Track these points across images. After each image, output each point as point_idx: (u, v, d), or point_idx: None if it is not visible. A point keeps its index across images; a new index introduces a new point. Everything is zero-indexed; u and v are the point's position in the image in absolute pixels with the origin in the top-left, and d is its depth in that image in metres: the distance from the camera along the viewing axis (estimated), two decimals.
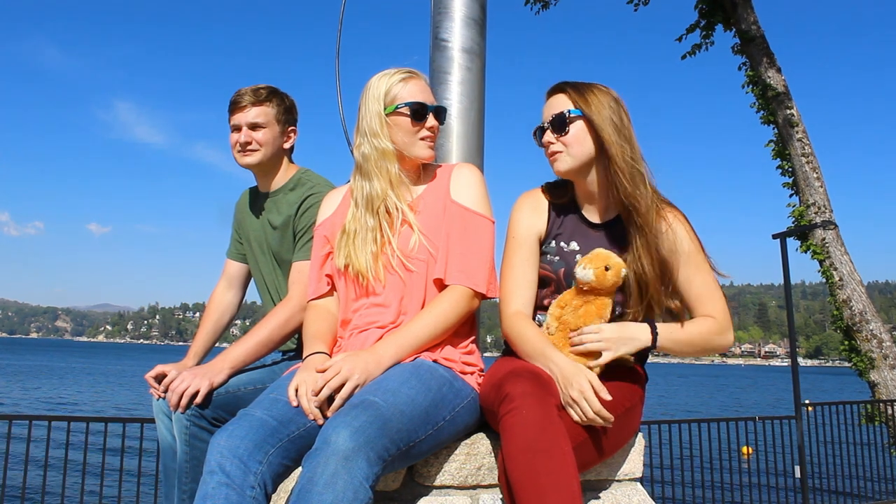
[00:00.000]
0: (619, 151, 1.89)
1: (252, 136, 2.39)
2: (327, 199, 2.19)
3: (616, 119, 1.92)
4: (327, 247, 2.07)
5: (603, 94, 1.95)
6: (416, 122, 1.99)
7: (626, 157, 1.89)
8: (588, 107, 1.93)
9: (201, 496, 1.54)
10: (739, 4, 10.13)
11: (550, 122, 1.97)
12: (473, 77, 2.48)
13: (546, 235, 2.04)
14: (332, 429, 1.50)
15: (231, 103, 2.42)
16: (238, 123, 2.39)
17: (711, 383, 73.58)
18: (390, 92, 1.99)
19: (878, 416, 8.30)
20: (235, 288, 2.61)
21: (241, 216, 2.59)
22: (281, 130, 2.44)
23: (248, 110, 2.38)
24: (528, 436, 1.54)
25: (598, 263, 1.85)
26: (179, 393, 2.01)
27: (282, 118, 2.44)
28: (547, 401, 1.62)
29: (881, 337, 9.14)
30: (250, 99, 2.38)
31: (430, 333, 1.85)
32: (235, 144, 2.41)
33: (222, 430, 1.62)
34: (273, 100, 2.41)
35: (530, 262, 2.01)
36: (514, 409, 1.59)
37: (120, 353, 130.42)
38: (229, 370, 2.12)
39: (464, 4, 2.49)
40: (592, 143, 1.93)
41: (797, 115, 9.83)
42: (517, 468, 1.53)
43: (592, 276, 1.84)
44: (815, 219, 9.43)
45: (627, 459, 2.00)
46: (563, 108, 1.95)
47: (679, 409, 32.50)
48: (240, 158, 2.42)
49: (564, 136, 1.95)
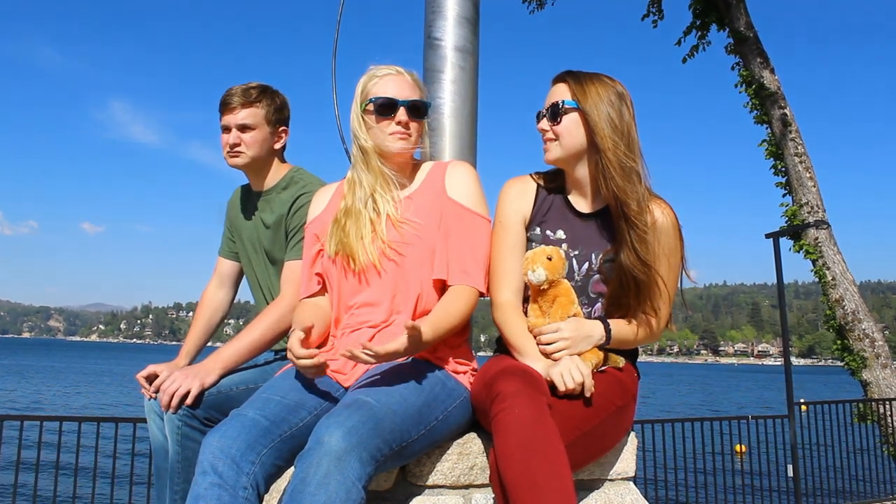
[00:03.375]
0: (612, 146, 1.87)
1: (241, 137, 2.36)
2: (317, 197, 2.18)
3: (614, 114, 1.90)
4: (318, 245, 2.06)
5: (605, 87, 1.93)
6: (382, 118, 1.99)
7: (620, 152, 1.87)
8: (585, 99, 1.92)
9: (193, 496, 1.54)
10: (733, 4, 10.15)
11: (547, 109, 1.98)
12: (466, 76, 2.48)
13: (531, 220, 2.03)
14: (324, 429, 1.50)
15: (221, 104, 2.40)
16: (227, 125, 2.37)
17: (704, 382, 73.79)
18: (364, 89, 2.01)
19: (871, 415, 8.33)
20: (227, 286, 2.60)
21: (233, 214, 2.57)
22: (271, 131, 2.42)
23: (237, 111, 2.36)
24: (522, 435, 1.54)
25: (540, 260, 1.88)
26: (170, 394, 2.00)
27: (272, 118, 2.41)
28: (538, 399, 1.61)
29: (873, 336, 9.17)
30: (240, 100, 2.36)
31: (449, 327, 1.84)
32: (225, 146, 2.39)
33: (214, 431, 1.62)
34: (263, 100, 2.39)
35: (518, 247, 2.00)
36: (506, 408, 1.58)
37: (113, 352, 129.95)
38: (221, 370, 2.11)
39: (457, 3, 2.48)
40: (584, 136, 1.93)
41: (790, 115, 9.86)
42: (511, 467, 1.53)
43: (544, 272, 1.87)
44: (807, 218, 9.46)
45: (620, 458, 2.00)
46: (561, 97, 1.95)
47: (672, 408, 32.58)
48: (228, 160, 2.41)
49: (557, 125, 1.95)
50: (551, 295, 1.90)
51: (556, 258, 1.89)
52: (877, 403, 8.36)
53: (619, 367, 1.93)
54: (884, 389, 8.89)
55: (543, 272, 1.87)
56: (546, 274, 1.87)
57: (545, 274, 1.87)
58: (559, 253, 1.91)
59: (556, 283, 1.90)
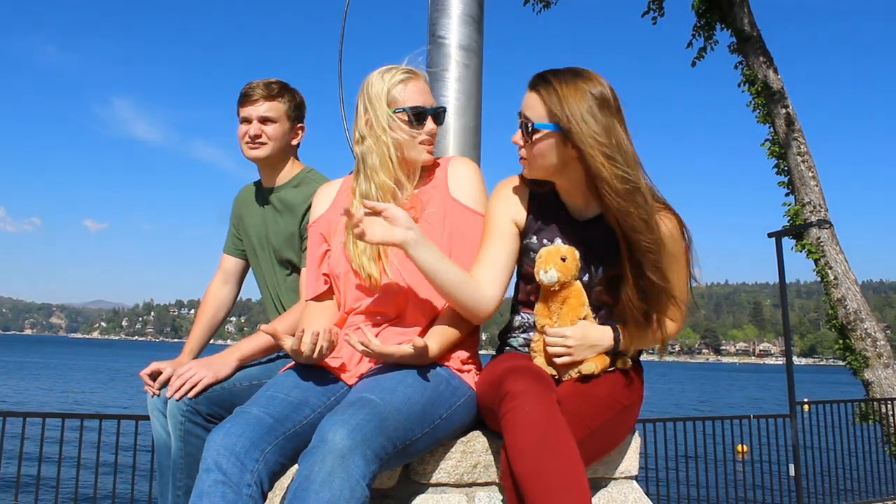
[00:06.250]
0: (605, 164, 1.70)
1: (262, 129, 2.37)
2: (320, 194, 2.13)
3: (598, 128, 1.71)
4: (324, 245, 2.04)
5: (581, 95, 1.73)
6: (416, 126, 1.93)
7: (617, 170, 1.70)
8: (561, 115, 1.73)
9: (197, 494, 1.54)
10: (736, 3, 10.14)
11: (519, 123, 1.83)
12: (471, 74, 2.48)
13: (526, 229, 1.94)
14: (328, 426, 1.50)
15: (242, 95, 2.40)
16: (248, 116, 2.38)
17: (706, 381, 73.77)
18: (389, 95, 1.92)
19: (873, 414, 8.33)
20: (231, 283, 2.60)
21: (240, 211, 2.57)
22: (290, 127, 2.44)
23: (259, 104, 2.37)
24: (533, 434, 1.53)
25: (553, 259, 1.82)
26: (185, 380, 2.02)
27: (292, 115, 2.43)
28: (548, 396, 1.60)
29: (875, 336, 9.17)
30: (262, 93, 2.37)
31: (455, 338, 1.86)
32: (244, 136, 2.40)
33: (219, 428, 1.62)
34: (285, 95, 2.41)
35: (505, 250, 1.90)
36: (515, 406, 1.57)
37: (114, 349, 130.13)
38: (236, 364, 2.13)
39: (461, 2, 2.48)
40: (558, 156, 1.79)
41: (793, 114, 9.84)
42: (524, 466, 1.52)
43: (556, 273, 1.81)
44: (810, 218, 9.45)
45: (624, 457, 2.00)
46: (534, 112, 1.79)
47: (674, 407, 32.58)
48: (247, 151, 2.41)
49: (529, 145, 1.81)
50: (562, 296, 1.84)
51: (570, 259, 1.82)
52: (878, 403, 8.36)
53: (627, 367, 1.91)
54: (885, 389, 8.89)
55: (556, 273, 1.80)
56: (559, 276, 1.80)
57: (557, 276, 1.80)
58: (574, 254, 1.83)
59: (567, 285, 1.83)
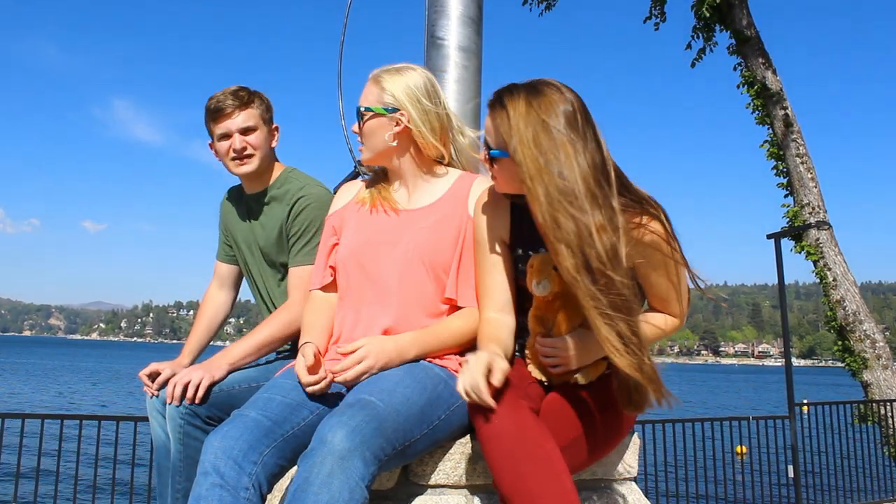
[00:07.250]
0: (542, 193, 1.56)
1: (246, 140, 2.28)
2: (343, 191, 2.17)
3: (542, 160, 1.56)
4: (334, 237, 2.06)
5: (529, 118, 1.60)
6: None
7: (558, 212, 1.54)
8: (509, 141, 1.62)
9: (195, 497, 1.54)
10: (735, 5, 10.15)
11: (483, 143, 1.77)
12: (470, 75, 2.49)
13: (513, 242, 1.87)
14: (327, 428, 1.50)
15: (213, 111, 2.28)
16: (227, 130, 2.28)
17: (705, 382, 73.75)
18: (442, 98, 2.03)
19: (871, 416, 8.34)
20: (227, 288, 2.59)
21: (227, 218, 2.52)
22: (269, 130, 2.36)
23: (235, 115, 2.26)
24: (506, 444, 1.52)
25: (546, 270, 1.76)
26: (183, 384, 2.01)
27: (266, 117, 2.35)
28: (518, 404, 1.57)
29: (874, 337, 9.18)
30: (235, 103, 2.26)
31: (453, 342, 1.88)
32: (228, 152, 2.28)
33: (216, 431, 1.62)
34: (255, 100, 2.32)
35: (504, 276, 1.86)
36: (486, 421, 1.54)
37: (113, 351, 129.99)
38: (228, 367, 2.12)
39: (460, 3, 2.48)
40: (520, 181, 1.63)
41: (792, 116, 9.86)
42: (503, 479, 1.51)
43: (549, 284, 1.75)
44: (809, 219, 9.47)
45: (622, 459, 2.00)
46: (490, 138, 1.72)
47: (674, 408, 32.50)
48: (236, 168, 2.31)
49: (492, 167, 1.75)
50: (556, 305, 1.79)
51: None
52: (877, 404, 8.37)
53: None
54: (884, 390, 8.91)
55: (548, 284, 1.76)
56: (551, 287, 1.76)
57: (550, 286, 1.76)
58: None
59: (561, 293, 1.77)
